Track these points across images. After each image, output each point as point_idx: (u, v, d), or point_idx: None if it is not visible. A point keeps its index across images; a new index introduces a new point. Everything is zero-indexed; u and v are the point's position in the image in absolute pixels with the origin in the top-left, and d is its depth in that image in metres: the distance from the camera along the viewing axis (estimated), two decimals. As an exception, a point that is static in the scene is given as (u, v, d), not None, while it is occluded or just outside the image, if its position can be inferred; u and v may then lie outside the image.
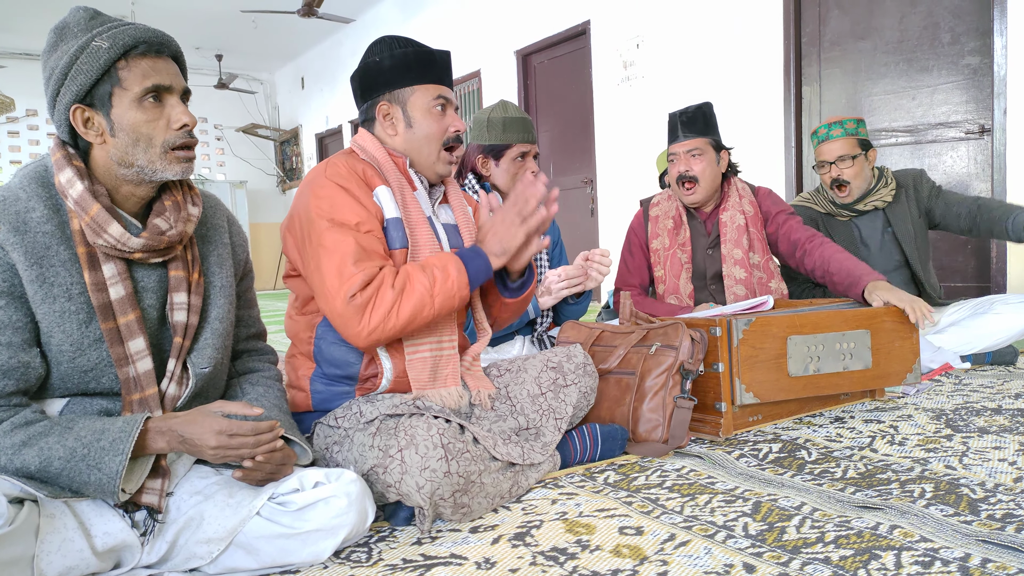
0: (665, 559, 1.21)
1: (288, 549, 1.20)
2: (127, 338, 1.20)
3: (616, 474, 1.66)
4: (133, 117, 1.18)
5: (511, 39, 6.53)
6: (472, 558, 1.25)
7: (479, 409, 1.64)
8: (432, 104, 1.63)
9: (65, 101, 1.17)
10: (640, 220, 2.72)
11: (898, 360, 2.13)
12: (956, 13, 3.77)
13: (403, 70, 1.61)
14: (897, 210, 2.82)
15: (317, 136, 10.45)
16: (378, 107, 1.63)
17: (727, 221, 2.56)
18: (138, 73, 1.18)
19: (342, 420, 1.52)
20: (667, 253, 2.60)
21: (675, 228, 2.61)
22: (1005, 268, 3.66)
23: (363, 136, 1.67)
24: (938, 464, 1.61)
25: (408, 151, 1.65)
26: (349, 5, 8.21)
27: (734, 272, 2.52)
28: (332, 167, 1.56)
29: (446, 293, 1.47)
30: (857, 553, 1.18)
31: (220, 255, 1.37)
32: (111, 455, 1.10)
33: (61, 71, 1.16)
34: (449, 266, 1.49)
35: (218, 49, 9.76)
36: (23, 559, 1.04)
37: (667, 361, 1.85)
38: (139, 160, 1.20)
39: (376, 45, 1.64)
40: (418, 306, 1.46)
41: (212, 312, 1.33)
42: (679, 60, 5.08)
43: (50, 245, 1.16)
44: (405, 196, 1.60)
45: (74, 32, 1.18)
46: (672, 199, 2.66)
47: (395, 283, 1.46)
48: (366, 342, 1.47)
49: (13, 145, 9.73)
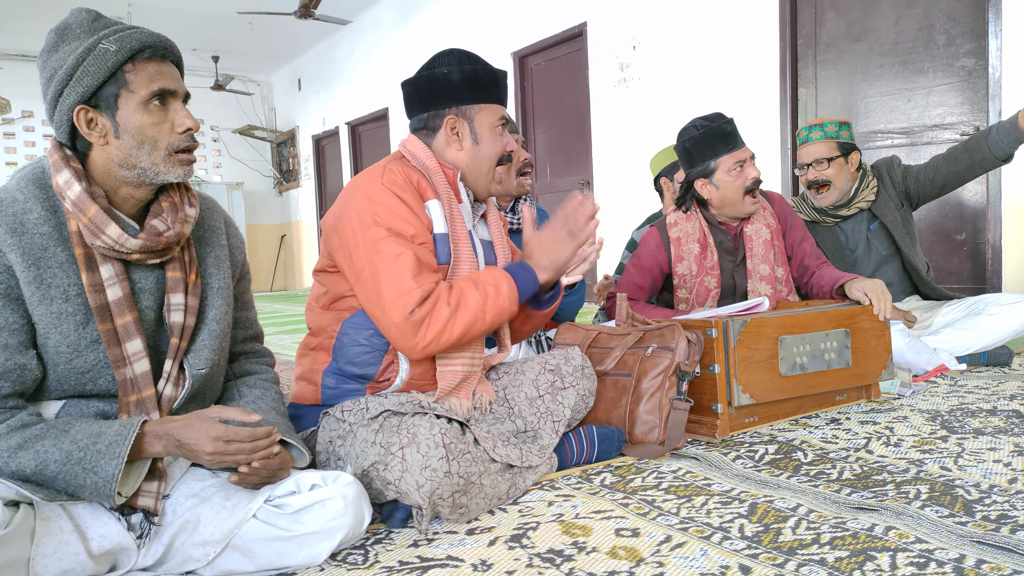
0: (661, 561, 1.21)
1: (284, 552, 1.20)
2: (124, 339, 1.20)
3: (612, 476, 1.66)
4: (139, 120, 1.20)
5: (508, 41, 6.54)
6: (468, 560, 1.25)
7: (478, 412, 1.64)
8: (496, 123, 1.68)
9: (69, 102, 1.17)
10: (659, 242, 2.53)
11: (875, 358, 2.18)
12: (951, 15, 3.78)
13: (473, 87, 1.64)
14: (880, 202, 2.84)
15: (314, 138, 10.45)
16: (446, 119, 1.65)
17: (752, 235, 2.47)
18: (145, 77, 1.19)
19: (349, 414, 1.52)
20: (695, 280, 2.48)
21: (702, 252, 2.46)
22: (1000, 269, 3.67)
23: (414, 143, 1.67)
24: (933, 465, 1.61)
25: (468, 166, 1.68)
26: (346, 7, 8.22)
27: (759, 288, 2.46)
28: (389, 174, 1.57)
29: (498, 309, 1.52)
30: (853, 554, 1.19)
31: (217, 256, 1.38)
32: (107, 459, 1.10)
33: (66, 72, 1.16)
34: (501, 282, 1.53)
35: (215, 50, 9.76)
36: (18, 562, 1.03)
37: (663, 363, 1.86)
38: (143, 162, 1.21)
39: (443, 57, 1.65)
40: (471, 322, 1.50)
41: (209, 313, 1.33)
42: (675, 62, 5.09)
43: (47, 246, 1.16)
44: (453, 210, 1.62)
45: (76, 33, 1.18)
46: (690, 218, 2.50)
47: (450, 299, 1.49)
48: (420, 355, 1.52)
49: (9, 147, 9.72)
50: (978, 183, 3.76)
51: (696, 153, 2.42)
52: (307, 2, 6.82)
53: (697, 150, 2.41)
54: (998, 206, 3.62)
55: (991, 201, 3.65)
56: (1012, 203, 3.56)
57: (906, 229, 2.83)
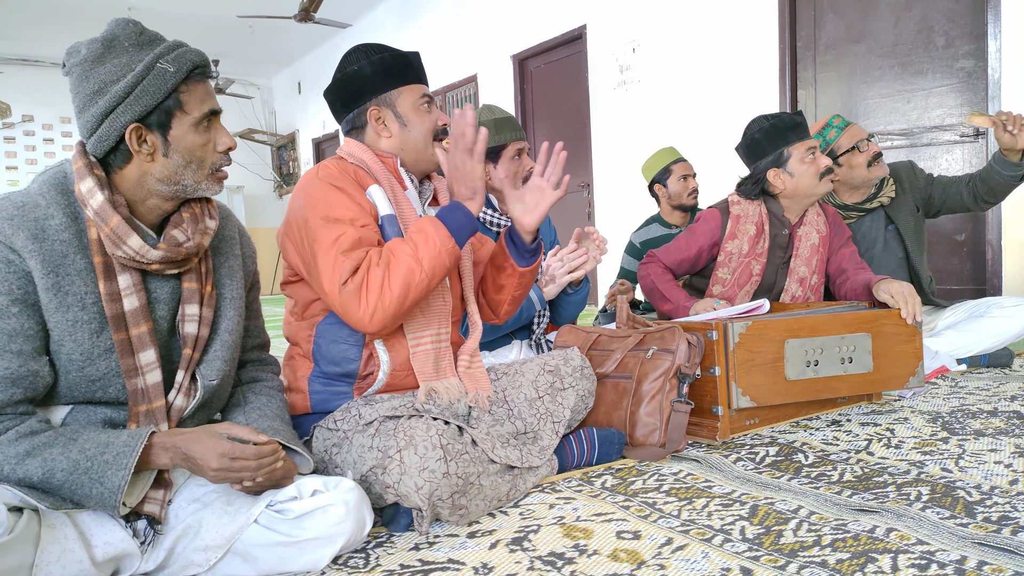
0: (662, 563, 1.21)
1: (286, 557, 1.20)
2: (138, 349, 1.20)
3: (613, 478, 1.66)
4: (191, 140, 1.21)
5: (507, 44, 6.55)
6: (470, 563, 1.25)
7: (477, 412, 1.64)
8: (420, 102, 1.68)
9: (125, 119, 1.17)
10: (716, 219, 2.54)
11: (900, 363, 2.11)
12: (950, 16, 3.79)
13: (386, 75, 1.65)
14: (896, 204, 2.83)
15: (314, 141, 10.46)
16: (368, 113, 1.66)
17: (802, 236, 2.52)
18: (197, 98, 1.21)
19: (341, 423, 1.53)
20: (742, 260, 2.50)
21: (757, 236, 2.49)
22: (1000, 271, 3.68)
23: (349, 143, 1.70)
24: (934, 467, 1.61)
25: (403, 150, 1.69)
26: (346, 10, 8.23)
27: (791, 288, 2.51)
28: (324, 169, 1.60)
29: (431, 253, 1.48)
30: (854, 556, 1.19)
31: (231, 267, 1.38)
32: (114, 469, 1.10)
33: (123, 89, 1.15)
34: (426, 226, 1.50)
35: (215, 54, 9.77)
36: (21, 568, 1.03)
37: (664, 365, 1.86)
38: (186, 180, 1.23)
39: (350, 55, 1.68)
40: (408, 275, 1.46)
41: (222, 324, 1.33)
42: (675, 64, 5.10)
43: (67, 254, 1.16)
44: (397, 195, 1.64)
45: (125, 47, 1.18)
46: (755, 204, 2.52)
47: (380, 260, 1.48)
48: (373, 325, 1.48)
49: (9, 151, 9.73)
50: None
51: (767, 143, 2.47)
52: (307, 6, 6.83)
53: (768, 140, 2.46)
54: (998, 207, 3.62)
55: (991, 202, 3.65)
56: (1012, 203, 3.56)
57: (916, 235, 2.83)
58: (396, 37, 8.08)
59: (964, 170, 3.81)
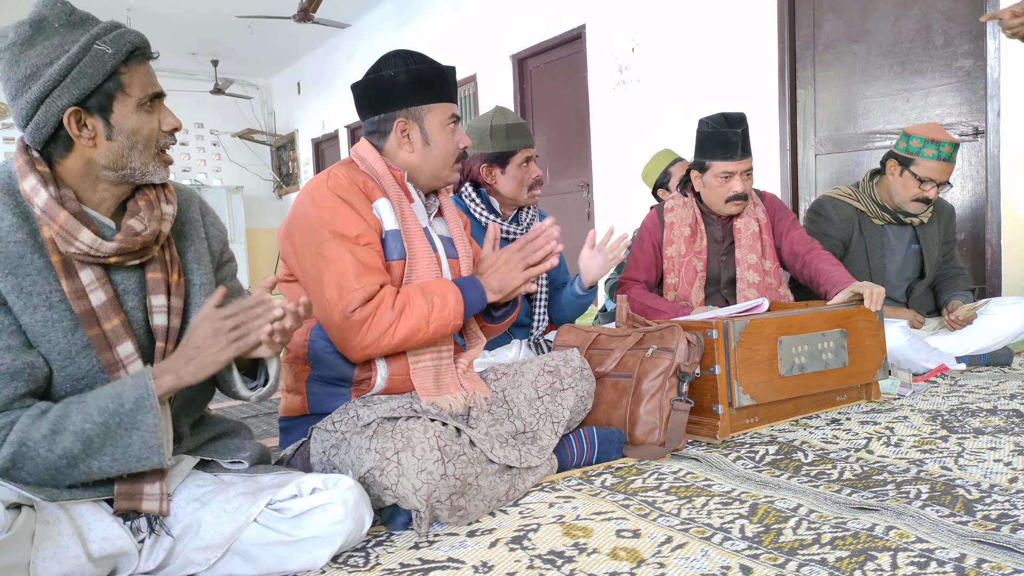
0: (662, 562, 1.21)
1: (285, 556, 1.20)
2: (115, 343, 1.18)
3: (613, 477, 1.66)
4: (135, 122, 1.18)
5: (507, 43, 6.54)
6: (469, 562, 1.25)
7: (476, 412, 1.64)
8: (447, 122, 1.68)
9: (61, 103, 1.13)
10: (655, 221, 2.66)
11: (870, 357, 2.21)
12: (949, 15, 3.79)
13: (420, 87, 1.64)
14: (929, 231, 2.85)
15: (313, 141, 10.45)
16: (396, 123, 1.65)
17: (742, 228, 2.57)
18: (139, 79, 1.18)
19: (339, 424, 1.53)
20: (682, 260, 2.58)
21: (692, 236, 2.58)
22: (1000, 269, 3.67)
23: (364, 147, 1.69)
24: (934, 465, 1.61)
25: (420, 167, 1.69)
26: (345, 10, 8.22)
27: (747, 276, 2.55)
28: (334, 178, 1.59)
29: (441, 320, 1.54)
30: (853, 554, 1.19)
31: (197, 251, 1.33)
32: (142, 412, 1.10)
33: (58, 72, 1.12)
34: (448, 294, 1.55)
35: (214, 55, 9.77)
36: (19, 565, 1.03)
37: (663, 364, 1.86)
38: (133, 163, 1.19)
39: (390, 59, 1.66)
40: (413, 329, 1.52)
41: (193, 312, 1.28)
42: (674, 64, 5.10)
43: (23, 254, 1.13)
44: (403, 209, 1.64)
45: (55, 27, 1.14)
46: (687, 206, 2.61)
47: (395, 304, 1.51)
48: (360, 356, 1.54)
49: (8, 152, 9.73)
50: (977, 183, 3.76)
51: (699, 147, 2.56)
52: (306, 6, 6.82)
53: (700, 145, 2.56)
54: (998, 206, 3.62)
55: (991, 201, 3.65)
56: (1012, 203, 3.56)
57: (937, 266, 2.90)
58: (395, 37, 8.07)
59: (963, 169, 3.80)
